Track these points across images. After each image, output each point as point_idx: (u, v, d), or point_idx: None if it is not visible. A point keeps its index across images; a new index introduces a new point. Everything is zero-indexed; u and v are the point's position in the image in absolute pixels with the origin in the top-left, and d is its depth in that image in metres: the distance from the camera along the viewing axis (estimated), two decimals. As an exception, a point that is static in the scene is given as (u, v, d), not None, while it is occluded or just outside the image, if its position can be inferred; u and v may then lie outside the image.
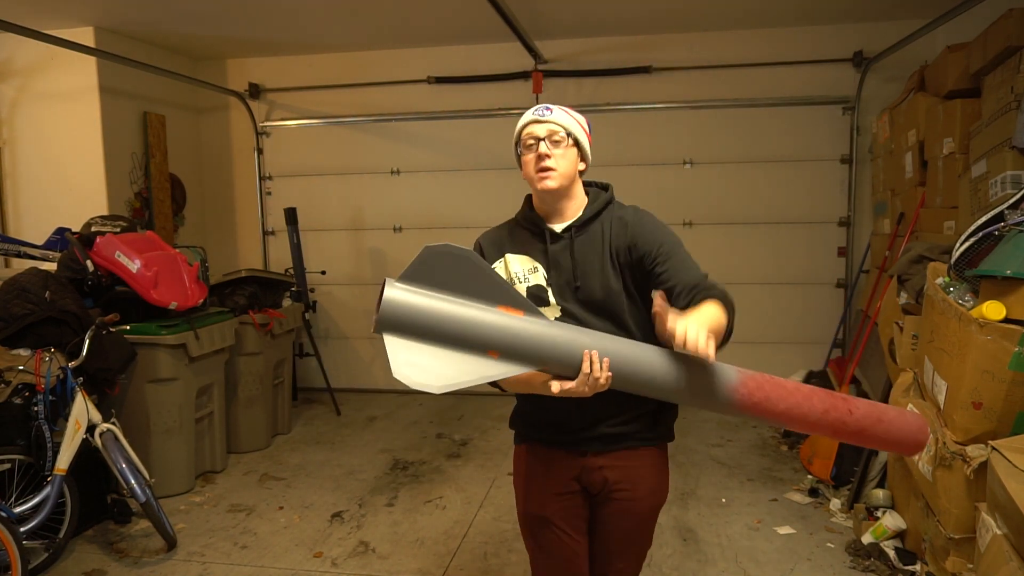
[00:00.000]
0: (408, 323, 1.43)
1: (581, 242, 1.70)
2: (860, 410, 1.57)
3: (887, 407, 1.65)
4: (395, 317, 1.42)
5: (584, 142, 1.73)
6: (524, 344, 1.47)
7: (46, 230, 4.45)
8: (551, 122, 1.68)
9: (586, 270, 1.68)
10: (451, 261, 1.45)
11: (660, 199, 5.33)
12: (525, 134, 1.71)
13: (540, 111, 1.71)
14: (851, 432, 1.57)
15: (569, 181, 1.70)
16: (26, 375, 3.13)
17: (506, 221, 1.84)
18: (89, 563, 3.18)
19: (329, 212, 5.93)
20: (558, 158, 1.67)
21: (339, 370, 5.91)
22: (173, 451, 3.88)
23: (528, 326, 1.47)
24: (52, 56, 4.76)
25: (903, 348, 3.19)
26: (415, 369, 1.42)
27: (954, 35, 4.00)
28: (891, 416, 1.60)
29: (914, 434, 1.60)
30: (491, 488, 3.91)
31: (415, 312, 1.42)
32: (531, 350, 1.48)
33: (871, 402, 1.65)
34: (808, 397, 1.56)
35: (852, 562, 3.04)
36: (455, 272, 1.45)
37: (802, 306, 5.36)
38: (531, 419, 1.80)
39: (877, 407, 1.63)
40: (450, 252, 1.45)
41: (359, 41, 5.45)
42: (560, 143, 1.67)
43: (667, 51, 5.31)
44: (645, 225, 1.70)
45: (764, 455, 4.35)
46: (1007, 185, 2.83)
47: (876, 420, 1.58)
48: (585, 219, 1.72)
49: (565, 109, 1.73)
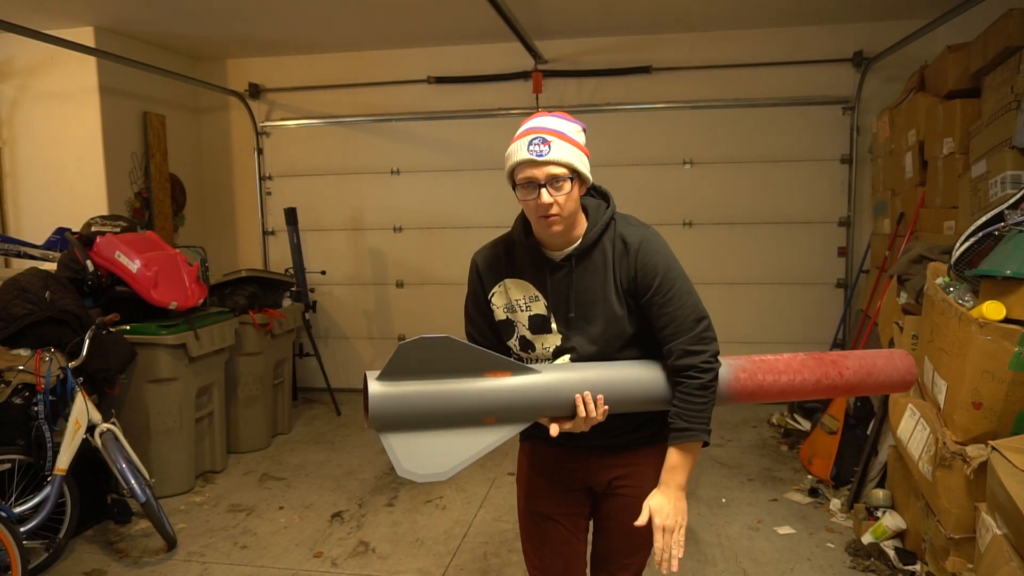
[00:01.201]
0: (400, 413, 1.43)
1: (582, 270, 1.61)
2: (850, 370, 1.66)
3: (875, 358, 1.71)
4: (386, 410, 1.42)
5: (585, 171, 1.55)
6: (517, 402, 1.49)
7: (46, 230, 4.45)
8: (551, 163, 1.48)
9: (586, 298, 1.61)
10: (428, 349, 1.43)
11: (660, 199, 5.34)
12: (520, 178, 1.52)
13: (536, 148, 1.49)
14: (845, 390, 1.68)
15: (574, 215, 1.58)
16: (26, 375, 3.13)
17: (502, 238, 1.73)
18: (89, 563, 3.18)
19: (329, 212, 5.93)
20: (562, 202, 1.51)
21: (339, 370, 5.91)
22: (173, 451, 3.88)
23: (517, 383, 1.49)
24: (52, 56, 4.76)
25: (903, 348, 3.19)
26: (418, 461, 1.43)
27: (954, 35, 4.00)
28: (880, 365, 1.70)
29: (903, 375, 1.71)
30: (491, 488, 3.92)
31: (403, 400, 1.42)
32: (525, 406, 1.50)
33: (860, 357, 1.70)
34: (799, 372, 1.64)
35: (852, 562, 3.04)
36: (435, 357, 1.44)
37: (802, 306, 5.36)
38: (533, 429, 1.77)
39: (866, 361, 1.69)
40: (424, 343, 1.43)
41: (359, 41, 5.45)
42: (563, 187, 1.50)
43: (667, 51, 5.31)
44: (647, 255, 1.59)
45: (764, 455, 4.35)
46: (1007, 185, 2.83)
47: (866, 374, 1.68)
48: (586, 246, 1.60)
49: (563, 133, 1.53)
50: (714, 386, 1.59)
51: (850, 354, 1.71)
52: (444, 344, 1.43)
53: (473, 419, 1.47)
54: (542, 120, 1.56)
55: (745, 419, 5.05)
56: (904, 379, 1.72)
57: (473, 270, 1.73)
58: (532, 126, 1.54)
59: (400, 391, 1.42)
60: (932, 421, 2.57)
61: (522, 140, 1.53)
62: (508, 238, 1.72)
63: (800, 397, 1.67)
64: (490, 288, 1.70)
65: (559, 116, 1.58)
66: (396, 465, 1.42)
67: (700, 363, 1.56)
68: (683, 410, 1.57)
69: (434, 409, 1.44)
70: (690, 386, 1.56)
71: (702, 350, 1.56)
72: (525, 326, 1.67)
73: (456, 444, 1.45)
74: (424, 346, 1.42)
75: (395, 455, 1.42)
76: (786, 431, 4.63)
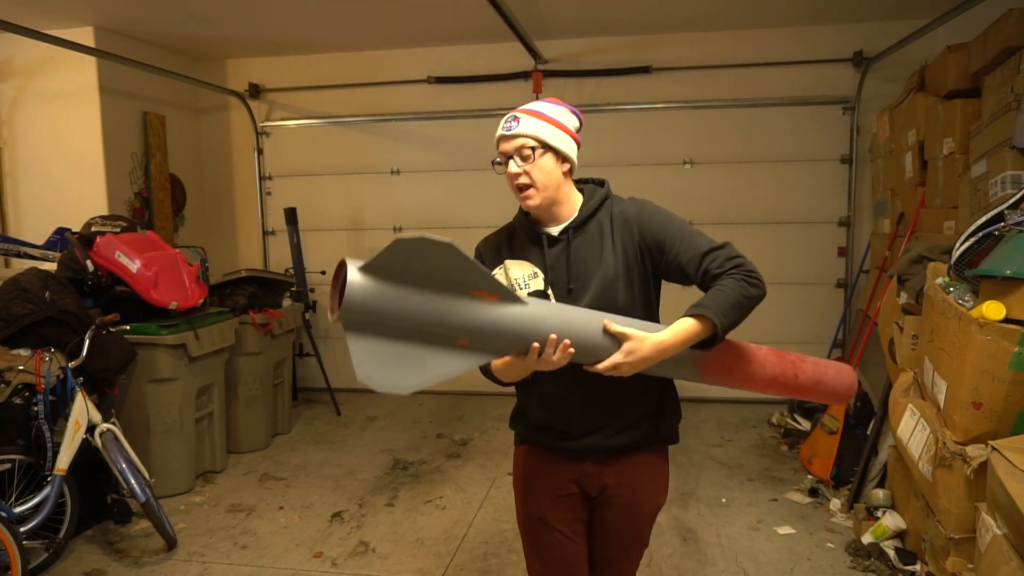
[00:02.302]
0: (373, 310, 1.30)
1: (579, 243, 1.66)
2: (805, 374, 1.72)
3: (827, 368, 1.78)
4: (360, 304, 1.28)
5: (560, 144, 1.61)
6: (495, 331, 1.39)
7: (46, 230, 4.45)
8: (517, 135, 1.60)
9: (586, 270, 1.64)
10: (424, 251, 1.30)
11: (660, 199, 5.23)
12: (499, 151, 1.64)
13: (508, 124, 1.61)
14: (793, 391, 1.74)
15: (553, 189, 1.63)
16: (26, 375, 3.13)
17: (505, 225, 1.80)
18: (89, 563, 3.18)
19: (329, 212, 5.93)
20: (531, 172, 1.59)
21: (339, 370, 5.90)
22: (173, 451, 3.88)
23: (500, 311, 1.39)
24: (52, 56, 4.76)
25: (903, 348, 3.19)
26: (381, 369, 1.34)
27: (954, 35, 4.00)
28: (830, 376, 1.77)
29: (845, 390, 1.81)
30: (491, 488, 3.91)
31: (380, 298, 1.29)
32: (502, 336, 1.41)
33: (815, 364, 1.76)
34: (762, 364, 1.68)
35: (852, 562, 3.04)
36: (427, 262, 1.31)
37: (802, 306, 5.36)
38: (532, 420, 1.78)
39: (819, 371, 1.75)
40: (424, 244, 1.28)
41: (359, 41, 5.45)
42: (529, 157, 1.59)
43: (667, 51, 5.31)
44: (646, 215, 1.66)
45: (764, 455, 4.35)
46: (1007, 185, 2.83)
47: (816, 383, 1.74)
48: (581, 219, 1.66)
49: (538, 111, 1.62)
50: (753, 296, 1.53)
51: (807, 359, 1.75)
52: (443, 250, 1.30)
53: (447, 338, 1.37)
54: (528, 104, 1.66)
55: (745, 419, 5.05)
56: (846, 393, 1.81)
57: (476, 255, 1.79)
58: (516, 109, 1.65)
59: (379, 287, 1.29)
60: (932, 421, 2.57)
61: (501, 121, 1.65)
62: (510, 225, 1.80)
63: (753, 389, 1.71)
64: (492, 270, 1.74)
65: (548, 101, 1.67)
66: (357, 369, 1.31)
67: (748, 268, 1.54)
68: (708, 297, 1.53)
69: (410, 315, 1.32)
70: (729, 281, 1.52)
71: (745, 261, 1.56)
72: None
73: (423, 360, 1.36)
74: (422, 247, 1.29)
75: (358, 358, 1.32)
76: (786, 431, 4.63)
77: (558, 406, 1.71)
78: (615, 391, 1.66)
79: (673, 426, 1.82)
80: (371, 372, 1.33)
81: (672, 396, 1.80)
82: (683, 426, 5.26)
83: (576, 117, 1.69)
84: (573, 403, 1.69)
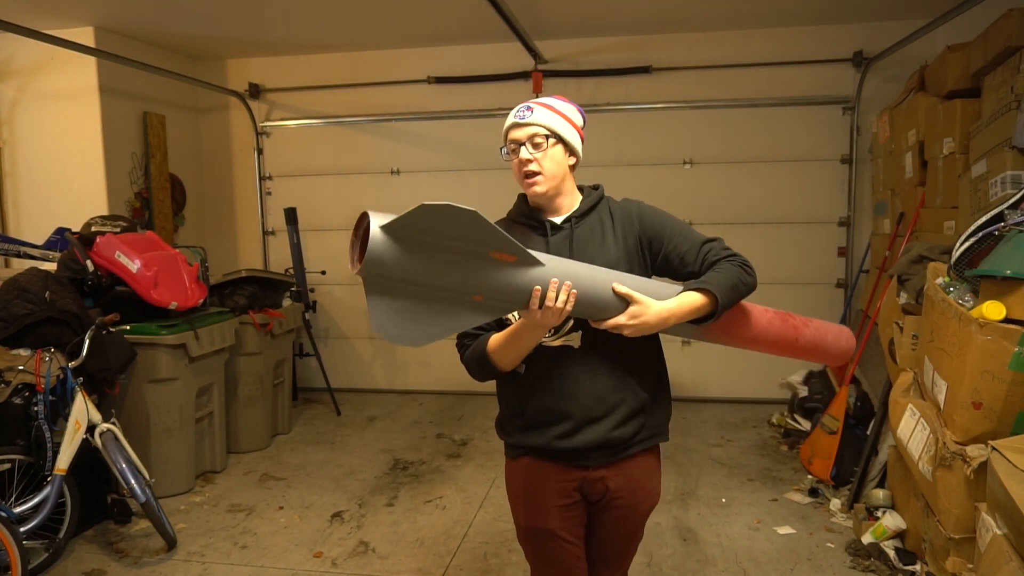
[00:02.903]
0: (394, 266, 1.32)
1: (581, 231, 1.70)
2: (805, 338, 1.82)
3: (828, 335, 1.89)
4: (381, 258, 1.31)
5: (570, 137, 1.69)
6: (511, 288, 1.42)
7: (46, 230, 4.45)
8: (531, 124, 1.65)
9: (587, 258, 1.65)
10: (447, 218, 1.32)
11: (660, 199, 5.25)
12: (509, 139, 1.69)
13: (521, 113, 1.67)
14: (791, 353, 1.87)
15: (559, 180, 1.69)
16: (26, 375, 3.13)
17: (500, 220, 1.80)
18: (89, 563, 3.18)
19: (329, 212, 5.93)
20: (542, 160, 1.65)
21: (339, 370, 5.91)
22: (173, 451, 3.88)
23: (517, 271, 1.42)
24: (52, 56, 4.76)
25: (903, 348, 3.19)
26: (395, 323, 1.38)
27: (954, 35, 4.00)
28: (829, 341, 1.88)
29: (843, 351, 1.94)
30: (491, 488, 3.91)
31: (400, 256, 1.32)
32: (517, 294, 1.44)
33: (818, 331, 1.86)
34: (764, 329, 1.77)
35: (852, 562, 3.04)
36: (451, 229, 1.34)
37: (802, 306, 5.26)
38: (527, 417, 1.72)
39: (819, 335, 1.86)
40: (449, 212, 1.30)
41: (359, 41, 5.45)
42: (541, 145, 1.65)
43: (667, 51, 5.31)
44: (645, 210, 1.75)
45: (764, 455, 4.35)
46: (1007, 185, 2.83)
47: (815, 346, 1.85)
48: (584, 210, 1.72)
49: (549, 104, 1.69)
50: (748, 284, 1.65)
51: (811, 324, 1.87)
52: (468, 216, 1.33)
53: (463, 294, 1.41)
54: (539, 97, 1.74)
55: (745, 419, 5.05)
56: (843, 355, 1.95)
57: None
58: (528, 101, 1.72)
59: (401, 247, 1.33)
60: (932, 421, 2.57)
61: (513, 110, 1.71)
62: (506, 217, 1.82)
63: (754, 348, 1.83)
64: None
65: (557, 97, 1.74)
66: (373, 321, 1.37)
67: (743, 259, 1.67)
68: (710, 275, 1.63)
69: (429, 276, 1.36)
70: (727, 265, 1.65)
71: (739, 253, 1.68)
72: None
73: (438, 314, 1.41)
74: (447, 213, 1.31)
75: (375, 312, 1.37)
76: (786, 431, 4.63)
77: (545, 393, 1.69)
78: (615, 372, 1.69)
79: (665, 420, 1.83)
80: (386, 325, 1.38)
81: (665, 388, 1.83)
82: (683, 426, 5.25)
83: (582, 116, 1.75)
84: (572, 379, 1.67)
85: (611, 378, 1.68)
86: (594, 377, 1.67)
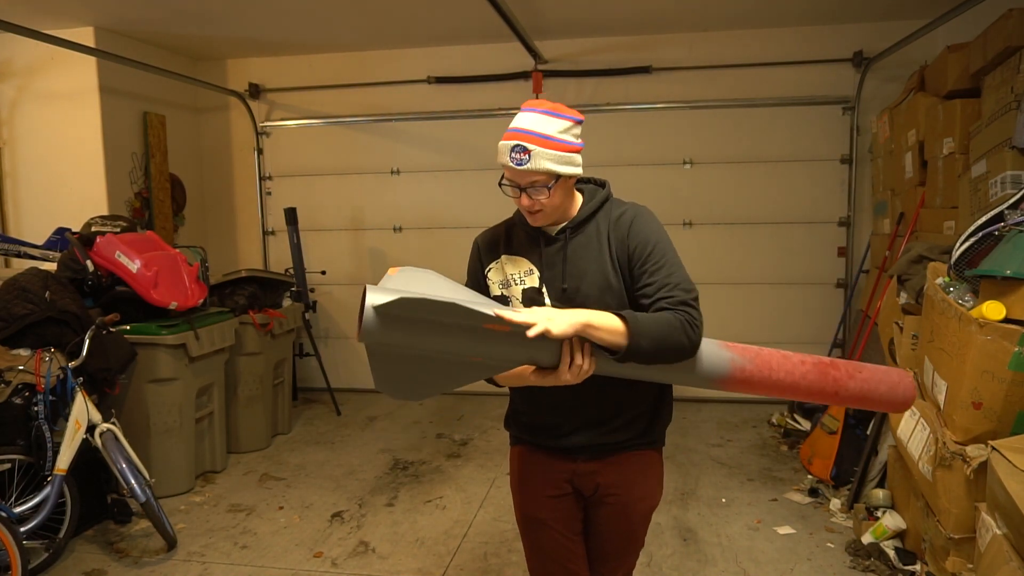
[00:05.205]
0: (391, 343, 1.38)
1: (576, 243, 1.67)
2: (848, 390, 1.63)
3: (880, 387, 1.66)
4: (377, 338, 1.37)
5: (570, 171, 1.58)
6: (507, 349, 1.44)
7: (46, 230, 4.45)
8: (530, 171, 1.54)
9: (580, 270, 1.64)
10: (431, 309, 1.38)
11: (660, 199, 5.33)
12: (505, 178, 1.61)
13: (517, 156, 1.53)
14: (836, 403, 1.70)
15: (562, 208, 1.65)
16: (26, 375, 3.13)
17: (503, 221, 1.82)
18: (89, 563, 3.18)
19: (329, 212, 5.93)
20: (544, 200, 1.58)
21: (339, 370, 5.90)
22: (173, 451, 3.88)
23: (512, 336, 1.42)
24: (52, 56, 4.76)
25: (903, 348, 3.19)
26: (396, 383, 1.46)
27: (954, 35, 4.00)
28: (881, 392, 1.67)
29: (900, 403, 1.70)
30: (491, 488, 3.91)
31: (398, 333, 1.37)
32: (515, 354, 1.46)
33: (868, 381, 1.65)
34: (795, 384, 1.60)
35: (852, 562, 3.04)
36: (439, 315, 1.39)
37: (802, 306, 5.36)
38: (524, 421, 1.81)
39: (870, 388, 1.65)
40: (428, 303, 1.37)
41: (359, 41, 5.45)
42: (542, 191, 1.57)
43: (667, 51, 5.31)
44: (638, 223, 1.64)
45: (764, 455, 4.35)
46: (1007, 185, 2.83)
47: (862, 398, 1.66)
48: (580, 220, 1.67)
49: (543, 135, 1.54)
50: (679, 344, 1.47)
51: (858, 373, 1.64)
52: (447, 307, 1.37)
53: (461, 356, 1.45)
54: (526, 119, 1.57)
55: (745, 419, 5.05)
56: (902, 405, 1.71)
57: (474, 248, 1.82)
58: (515, 127, 1.57)
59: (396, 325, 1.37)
60: (932, 421, 2.57)
61: (506, 143, 1.56)
62: (509, 221, 1.81)
63: (791, 398, 1.66)
64: (487, 264, 1.77)
65: (546, 112, 1.57)
66: (376, 382, 1.44)
67: (694, 319, 1.49)
68: (643, 315, 1.49)
69: (426, 346, 1.41)
70: (670, 316, 1.48)
71: (694, 311, 1.51)
72: (519, 300, 1.70)
73: (439, 374, 1.46)
74: (426, 305, 1.37)
75: (377, 374, 1.44)
76: (786, 431, 4.63)
77: (551, 405, 1.72)
78: (613, 396, 1.68)
79: (662, 430, 1.82)
80: (387, 384, 1.46)
81: (668, 402, 1.81)
82: (683, 426, 5.25)
83: (577, 122, 1.61)
84: (566, 402, 1.69)
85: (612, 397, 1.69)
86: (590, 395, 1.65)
